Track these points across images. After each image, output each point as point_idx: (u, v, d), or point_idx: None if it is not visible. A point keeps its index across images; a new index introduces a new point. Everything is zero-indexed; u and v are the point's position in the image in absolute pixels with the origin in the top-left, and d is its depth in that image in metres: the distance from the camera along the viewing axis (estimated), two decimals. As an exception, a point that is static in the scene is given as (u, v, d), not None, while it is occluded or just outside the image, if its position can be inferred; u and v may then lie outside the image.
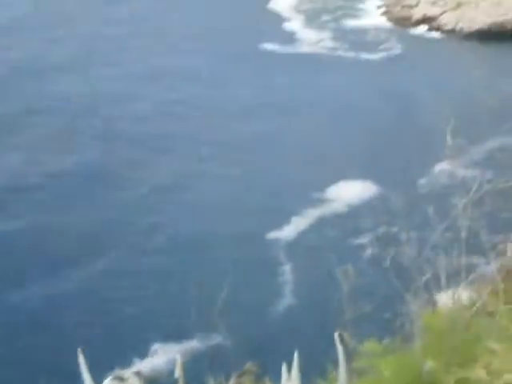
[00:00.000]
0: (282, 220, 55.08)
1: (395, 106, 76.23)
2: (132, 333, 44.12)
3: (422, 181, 55.80)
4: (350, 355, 6.54)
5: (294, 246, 52.63)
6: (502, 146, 59.08)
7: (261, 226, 54.31)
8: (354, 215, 55.61)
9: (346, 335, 6.60)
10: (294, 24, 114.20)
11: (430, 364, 5.77)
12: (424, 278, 9.06)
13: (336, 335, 6.15)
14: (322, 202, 57.98)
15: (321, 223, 55.59)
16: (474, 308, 7.67)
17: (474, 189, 8.09)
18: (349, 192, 58.74)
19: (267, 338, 43.15)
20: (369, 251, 47.63)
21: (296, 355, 6.64)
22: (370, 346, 6.76)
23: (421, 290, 8.74)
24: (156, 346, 41.65)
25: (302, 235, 54.08)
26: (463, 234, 8.24)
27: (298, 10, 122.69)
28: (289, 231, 54.23)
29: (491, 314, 7.38)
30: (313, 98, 79.66)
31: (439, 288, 9.13)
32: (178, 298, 42.15)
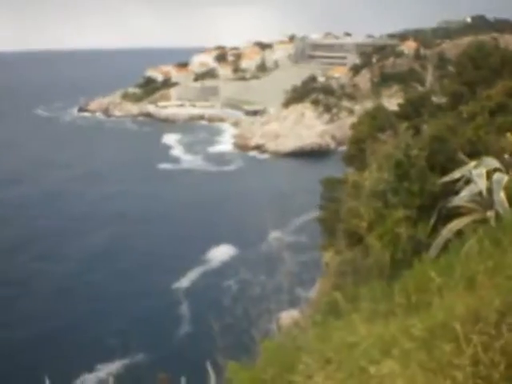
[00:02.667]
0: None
1: (244, 197, 77.02)
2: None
3: (261, 243, 55.98)
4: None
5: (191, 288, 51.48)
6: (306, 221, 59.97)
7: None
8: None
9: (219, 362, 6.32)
10: (178, 151, 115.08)
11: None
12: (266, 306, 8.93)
13: (208, 364, 5.93)
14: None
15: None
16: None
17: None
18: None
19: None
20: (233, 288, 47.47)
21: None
22: (232, 367, 6.51)
23: (264, 314, 8.69)
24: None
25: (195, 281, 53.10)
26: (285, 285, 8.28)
27: (180, 142, 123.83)
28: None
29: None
30: (195, 195, 79.72)
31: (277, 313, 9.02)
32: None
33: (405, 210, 10.18)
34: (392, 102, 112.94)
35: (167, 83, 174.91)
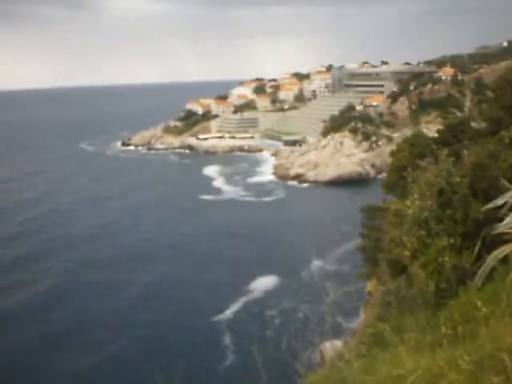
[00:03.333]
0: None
1: (285, 227, 76.98)
2: None
3: (304, 273, 55.54)
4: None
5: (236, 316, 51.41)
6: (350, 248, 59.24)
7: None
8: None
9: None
10: (219, 182, 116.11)
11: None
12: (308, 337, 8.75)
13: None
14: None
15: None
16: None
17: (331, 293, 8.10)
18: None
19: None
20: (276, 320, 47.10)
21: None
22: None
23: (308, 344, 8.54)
24: None
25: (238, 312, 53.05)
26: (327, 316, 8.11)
27: (220, 173, 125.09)
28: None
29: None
30: (237, 226, 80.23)
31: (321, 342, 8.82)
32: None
33: (448, 238, 10.01)
34: (431, 128, 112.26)
35: (207, 116, 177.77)
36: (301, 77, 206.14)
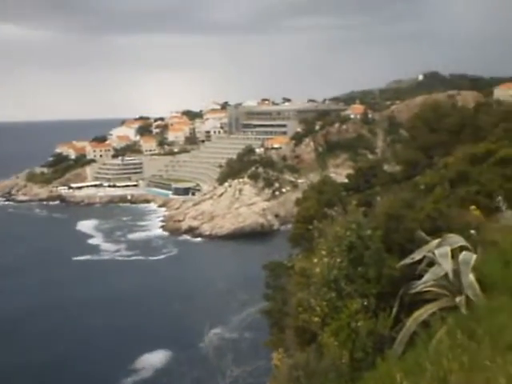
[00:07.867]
0: None
1: (176, 290, 75.88)
2: None
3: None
4: None
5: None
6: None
7: None
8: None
9: None
10: (97, 239, 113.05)
11: None
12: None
13: None
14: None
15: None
16: None
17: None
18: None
19: None
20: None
21: None
22: None
23: None
24: None
25: None
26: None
27: (98, 229, 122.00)
28: None
29: None
30: (118, 290, 78.01)
31: None
32: None
33: (362, 300, 10.13)
34: (340, 172, 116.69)
35: (81, 161, 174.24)
36: (192, 115, 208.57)
